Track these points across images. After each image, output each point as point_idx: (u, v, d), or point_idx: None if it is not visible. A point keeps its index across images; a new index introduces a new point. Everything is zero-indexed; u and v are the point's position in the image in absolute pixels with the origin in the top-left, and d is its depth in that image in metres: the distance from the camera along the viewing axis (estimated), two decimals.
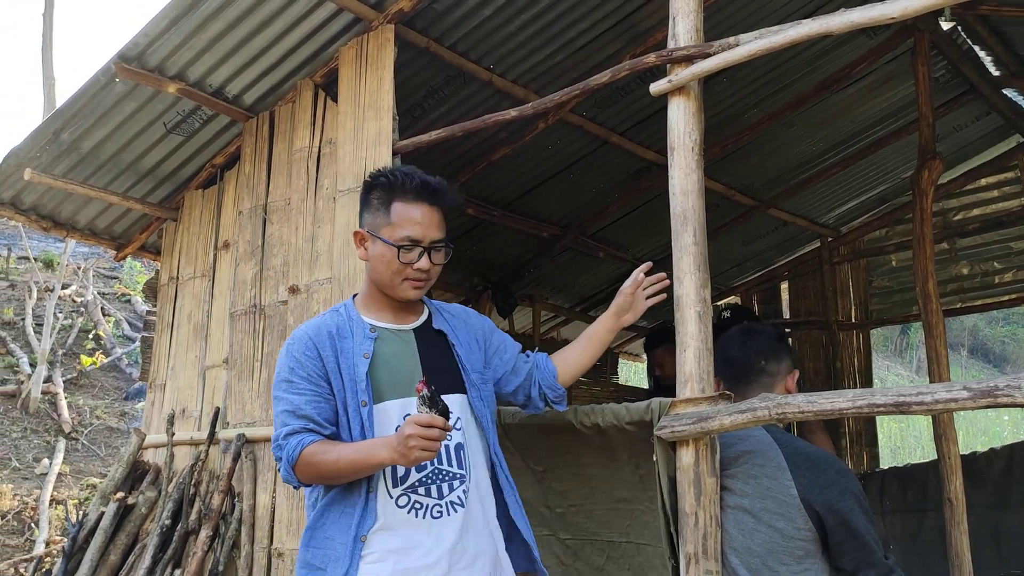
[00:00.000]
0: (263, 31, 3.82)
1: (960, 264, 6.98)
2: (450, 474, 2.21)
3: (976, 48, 5.54)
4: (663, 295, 2.51)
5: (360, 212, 2.37)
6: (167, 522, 3.93)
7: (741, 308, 7.26)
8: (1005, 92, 5.95)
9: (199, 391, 4.34)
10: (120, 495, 4.17)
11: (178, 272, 4.72)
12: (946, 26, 5.10)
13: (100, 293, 12.20)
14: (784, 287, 7.91)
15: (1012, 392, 1.85)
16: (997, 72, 5.76)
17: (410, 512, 2.16)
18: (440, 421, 1.96)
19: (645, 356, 5.22)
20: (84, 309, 11.35)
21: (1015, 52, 5.56)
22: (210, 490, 3.93)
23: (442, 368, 2.30)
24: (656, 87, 2.61)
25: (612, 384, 7.92)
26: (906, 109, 5.89)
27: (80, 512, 6.57)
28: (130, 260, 10.82)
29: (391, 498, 2.17)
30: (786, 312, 7.83)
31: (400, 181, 2.27)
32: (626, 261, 7.04)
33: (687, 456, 2.38)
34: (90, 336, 10.80)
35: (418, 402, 1.99)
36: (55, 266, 11.91)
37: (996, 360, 21.95)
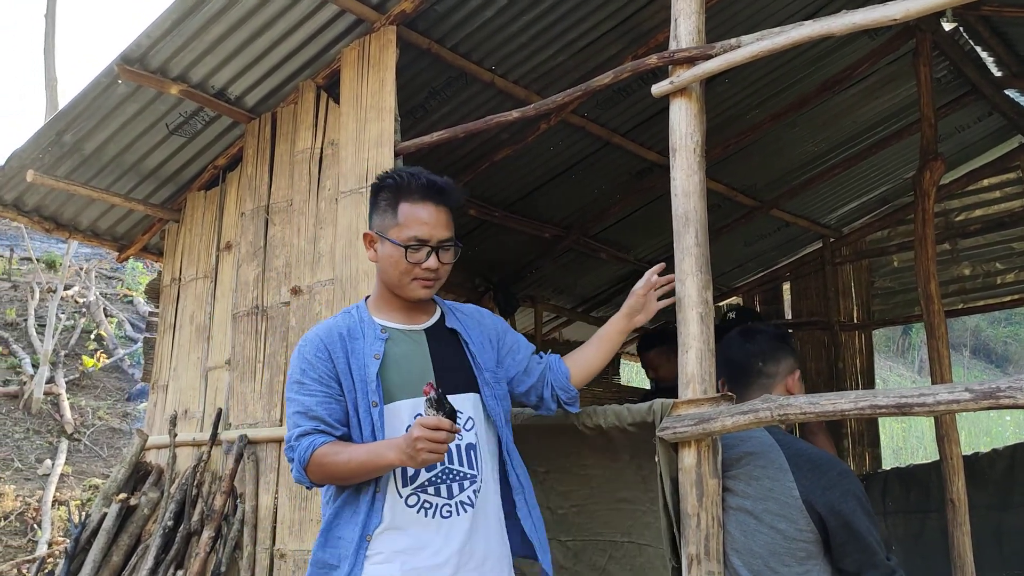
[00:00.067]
0: (265, 33, 3.82)
1: (962, 265, 6.98)
2: (460, 474, 2.21)
3: (978, 49, 5.54)
4: (674, 296, 2.52)
5: (369, 214, 2.39)
6: (169, 523, 3.94)
7: (745, 309, 7.26)
8: (1007, 93, 5.95)
9: (201, 392, 4.34)
10: (123, 496, 4.17)
11: (180, 273, 4.72)
12: (948, 27, 5.09)
13: (102, 294, 12.22)
14: (786, 288, 7.91)
15: (1014, 393, 1.85)
16: (999, 73, 5.76)
17: (419, 512, 2.17)
18: (447, 424, 1.97)
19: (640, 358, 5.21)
20: (86, 310, 11.36)
21: (1017, 53, 5.56)
22: (212, 491, 3.93)
23: (454, 368, 2.30)
24: (658, 88, 2.61)
25: (614, 385, 7.91)
26: (908, 110, 5.89)
27: (83, 513, 6.58)
28: (132, 261, 10.83)
29: (400, 497, 2.17)
30: (788, 313, 7.82)
31: (406, 182, 2.28)
32: (628, 262, 7.05)
33: (689, 457, 2.38)
34: (92, 337, 10.81)
35: (425, 404, 2.00)
36: (57, 267, 11.92)
37: (998, 360, 21.94)
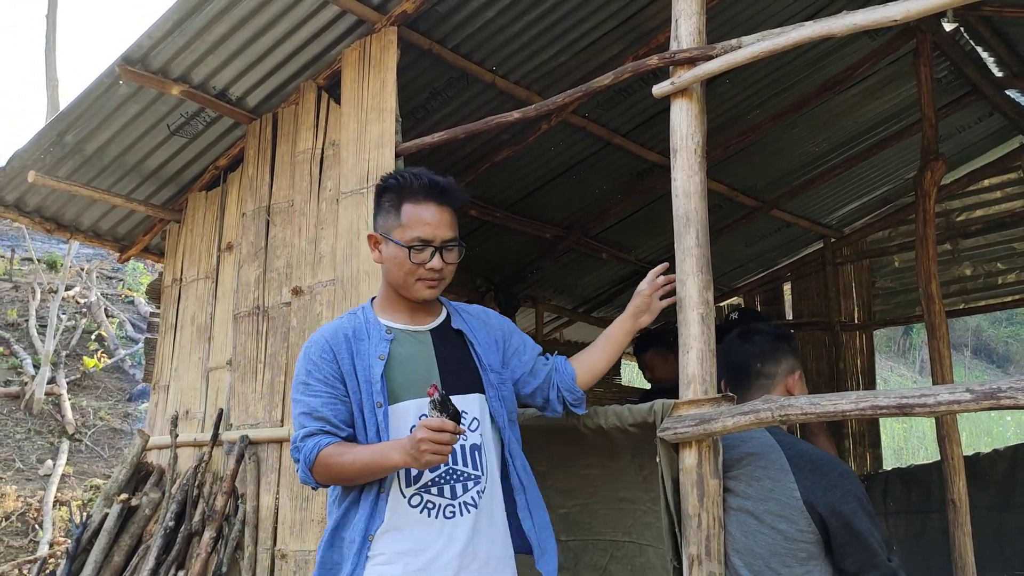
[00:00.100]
0: (266, 33, 3.83)
1: (963, 265, 6.98)
2: (464, 474, 2.21)
3: (979, 49, 5.54)
4: (675, 296, 2.52)
5: (374, 216, 2.39)
6: (171, 523, 3.94)
7: (748, 310, 7.26)
8: (1008, 93, 5.95)
9: (202, 393, 4.34)
10: (124, 496, 4.17)
11: (181, 274, 4.73)
12: (948, 27, 5.09)
13: (103, 294, 12.22)
14: (787, 288, 7.92)
15: (1015, 394, 1.85)
16: (1000, 73, 5.77)
17: (423, 512, 2.17)
18: (451, 425, 1.97)
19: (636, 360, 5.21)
20: (87, 310, 11.37)
21: (1018, 53, 5.56)
22: (213, 491, 3.93)
23: (459, 368, 2.31)
24: (659, 89, 2.61)
25: (615, 385, 7.91)
26: (909, 110, 5.89)
27: (84, 513, 6.59)
28: (133, 261, 10.82)
29: (404, 498, 2.18)
30: (789, 313, 7.83)
31: (409, 183, 2.28)
32: (629, 262, 7.05)
33: (690, 458, 2.38)
34: (93, 337, 10.81)
35: (429, 406, 2.01)
36: (59, 267, 11.92)
37: (999, 361, 21.94)
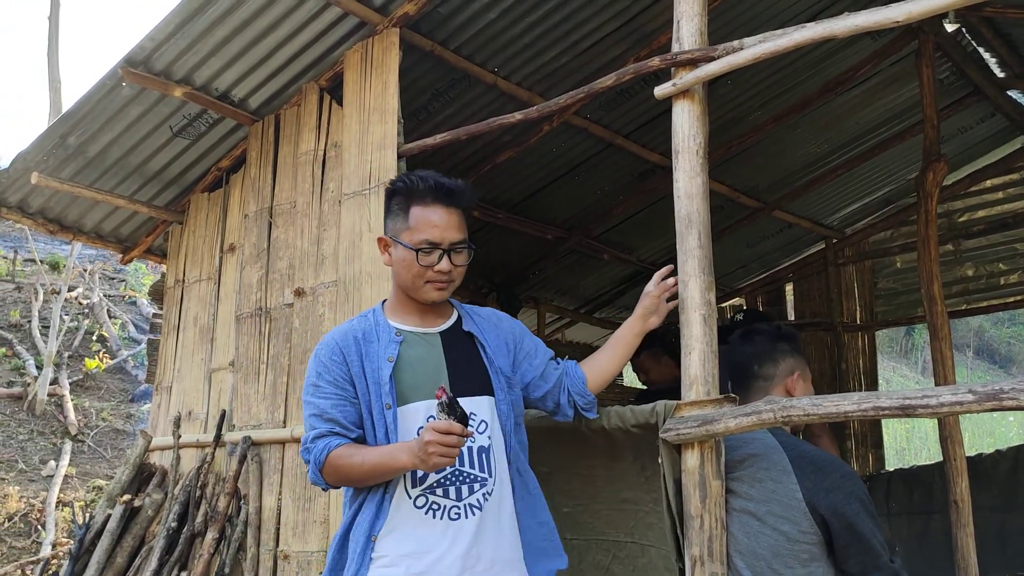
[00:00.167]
0: (269, 35, 3.83)
1: (965, 265, 6.97)
2: (471, 476, 2.21)
3: (981, 50, 5.54)
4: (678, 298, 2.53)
5: (384, 219, 2.40)
6: (173, 524, 3.94)
7: (753, 311, 7.26)
8: (1010, 94, 5.95)
9: (205, 394, 4.35)
10: (126, 497, 4.18)
11: (184, 275, 4.73)
12: (950, 28, 5.09)
13: (106, 295, 12.24)
14: (789, 289, 7.91)
15: (1017, 395, 1.85)
16: (1002, 74, 5.76)
17: (427, 513, 2.17)
18: (458, 428, 1.98)
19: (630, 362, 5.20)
20: (90, 311, 11.39)
21: (1020, 54, 5.55)
22: (216, 492, 3.94)
23: (468, 371, 2.31)
24: (661, 90, 2.62)
25: (617, 386, 7.91)
26: (911, 111, 5.89)
27: (86, 514, 6.59)
28: (135, 262, 10.85)
29: (409, 498, 2.18)
30: (791, 314, 7.82)
31: (417, 185, 2.29)
32: (631, 263, 7.05)
33: (692, 459, 2.38)
34: (94, 338, 10.83)
35: (437, 408, 2.02)
36: (61, 268, 11.95)
37: (1002, 361, 21.94)
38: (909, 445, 14.67)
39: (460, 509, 2.18)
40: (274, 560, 3.72)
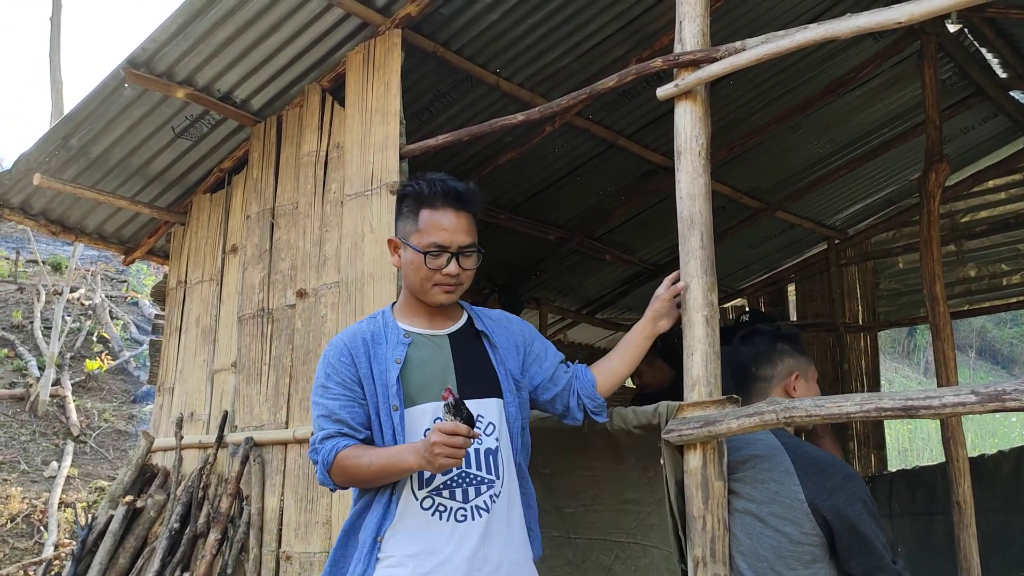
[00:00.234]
0: (271, 36, 3.83)
1: (967, 266, 6.97)
2: (478, 478, 2.21)
3: (983, 50, 5.53)
4: None
5: (395, 221, 2.41)
6: (176, 525, 3.95)
7: (758, 312, 7.26)
8: (1012, 94, 5.95)
9: (207, 394, 4.35)
10: (129, 498, 4.18)
11: (186, 276, 4.74)
12: (953, 29, 5.08)
13: (108, 296, 12.25)
14: (791, 289, 7.91)
15: (1020, 396, 1.85)
16: (1004, 74, 5.76)
17: (434, 514, 2.18)
18: (464, 429, 1.98)
19: None
20: (92, 312, 11.39)
21: (1022, 54, 5.55)
22: (218, 493, 3.94)
23: (476, 373, 2.31)
24: (663, 91, 2.62)
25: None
26: (913, 111, 5.89)
27: (89, 515, 6.59)
28: (137, 263, 10.86)
29: (416, 500, 2.19)
30: (793, 314, 7.82)
31: (427, 189, 2.29)
32: (633, 264, 7.05)
33: (695, 460, 2.38)
34: (94, 338, 10.83)
35: (443, 409, 2.02)
36: (63, 269, 11.96)
37: (1004, 362, 21.91)
38: (912, 446, 14.66)
39: (467, 511, 2.18)
40: (276, 561, 3.72)
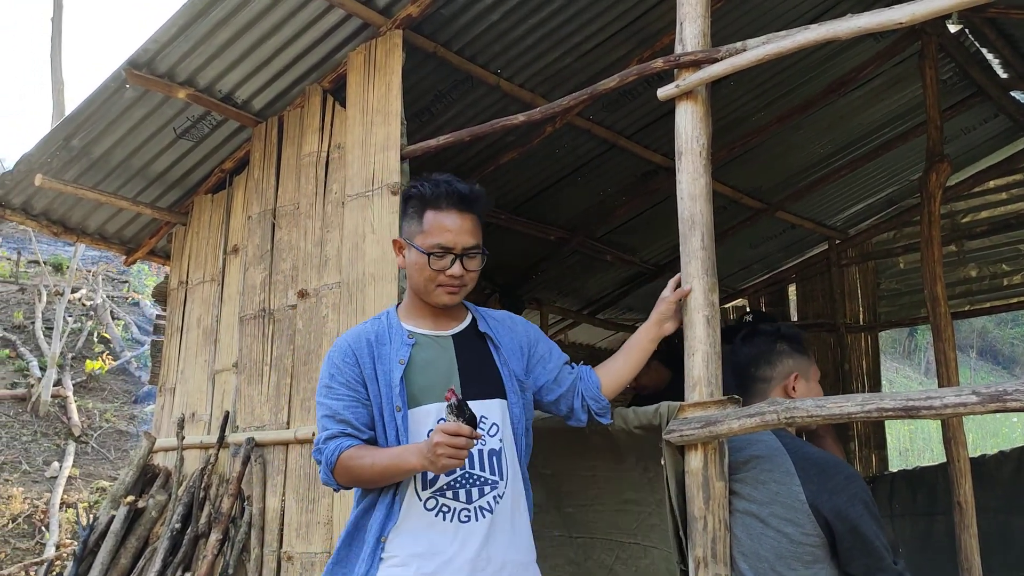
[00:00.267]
0: (272, 37, 3.84)
1: (968, 266, 6.96)
2: (481, 479, 2.21)
3: (984, 51, 5.53)
4: None
5: (400, 221, 2.41)
6: (177, 526, 3.95)
7: (764, 313, 7.25)
8: (1013, 94, 5.95)
9: (209, 395, 4.35)
10: (130, 499, 4.19)
11: (187, 276, 4.74)
12: (953, 29, 5.08)
13: (109, 297, 12.26)
14: (792, 290, 7.91)
15: (1021, 397, 1.85)
16: (1005, 75, 5.76)
17: (437, 515, 2.18)
18: (467, 430, 1.98)
19: None
20: (93, 313, 11.40)
21: (1023, 55, 5.55)
22: (220, 494, 3.95)
23: (480, 374, 2.31)
24: (664, 92, 2.62)
25: None
26: (914, 112, 5.89)
27: (91, 515, 6.60)
28: (139, 264, 10.87)
29: (420, 500, 2.19)
30: (794, 315, 7.82)
31: (432, 190, 2.30)
32: (634, 264, 7.05)
33: (696, 460, 2.38)
34: (96, 339, 10.84)
35: (446, 410, 2.03)
36: (64, 270, 11.97)
37: (1005, 362, 21.90)
38: (912, 446, 14.66)
39: (470, 512, 2.18)
40: (278, 561, 3.72)
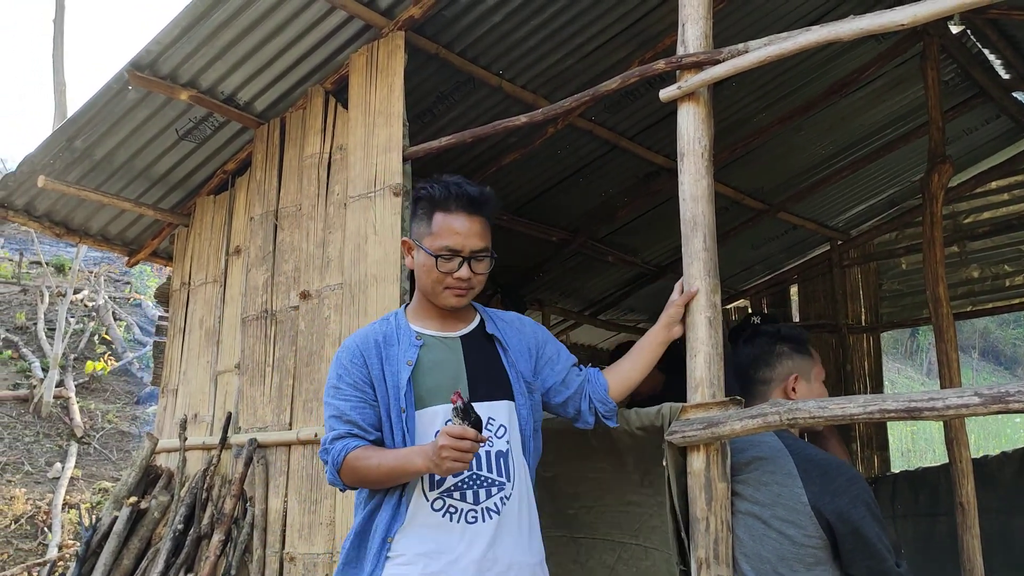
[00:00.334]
0: (274, 39, 3.84)
1: (970, 267, 6.96)
2: (488, 480, 2.22)
3: (986, 52, 5.53)
4: None
5: (410, 222, 2.43)
6: (180, 526, 3.95)
7: (764, 313, 7.24)
8: (1015, 95, 5.94)
9: (211, 396, 4.36)
10: (133, 499, 4.19)
11: (190, 277, 4.75)
12: (955, 30, 5.09)
13: (111, 298, 12.27)
14: (794, 291, 7.90)
15: (1023, 398, 1.85)
16: (1007, 75, 5.76)
17: (444, 516, 2.18)
18: (472, 433, 1.99)
19: None
20: (96, 314, 11.41)
21: None
22: (222, 494, 3.95)
23: (489, 375, 2.32)
24: (666, 93, 2.62)
25: None
26: (916, 113, 5.89)
27: (93, 516, 6.61)
28: (141, 265, 10.87)
29: (427, 501, 2.19)
30: (796, 316, 7.81)
31: (441, 192, 2.30)
32: (635, 265, 7.05)
33: (698, 461, 2.38)
34: (98, 340, 10.85)
35: (452, 413, 2.03)
36: (67, 271, 11.98)
37: (1007, 362, 21.88)
38: (914, 447, 14.64)
39: (477, 513, 2.19)
40: (280, 562, 3.72)
